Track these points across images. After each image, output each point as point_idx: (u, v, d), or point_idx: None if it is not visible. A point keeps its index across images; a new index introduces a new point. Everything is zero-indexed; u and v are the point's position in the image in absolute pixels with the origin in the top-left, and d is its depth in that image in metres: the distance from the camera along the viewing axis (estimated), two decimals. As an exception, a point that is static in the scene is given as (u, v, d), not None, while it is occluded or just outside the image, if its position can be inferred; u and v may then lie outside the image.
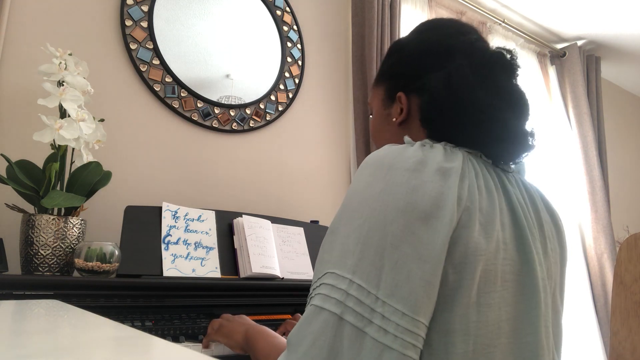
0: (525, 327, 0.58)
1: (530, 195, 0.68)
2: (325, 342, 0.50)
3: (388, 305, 0.50)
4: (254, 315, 1.14)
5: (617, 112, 3.67)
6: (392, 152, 0.59)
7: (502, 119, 0.65)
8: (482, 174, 0.62)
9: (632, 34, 3.02)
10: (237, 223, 1.36)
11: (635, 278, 0.99)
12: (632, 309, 0.98)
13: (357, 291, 0.51)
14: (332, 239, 0.57)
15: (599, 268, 2.79)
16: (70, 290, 0.96)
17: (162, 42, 1.58)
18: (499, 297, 0.57)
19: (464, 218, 0.55)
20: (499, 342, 0.55)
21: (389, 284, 0.51)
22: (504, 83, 0.68)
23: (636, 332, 0.97)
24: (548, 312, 0.60)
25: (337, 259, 0.55)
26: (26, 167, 1.14)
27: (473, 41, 0.70)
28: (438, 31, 0.75)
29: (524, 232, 0.61)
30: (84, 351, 0.35)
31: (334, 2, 2.14)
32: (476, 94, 0.64)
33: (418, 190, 0.54)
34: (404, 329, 0.49)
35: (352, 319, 0.50)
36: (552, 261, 0.66)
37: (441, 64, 0.68)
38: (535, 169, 2.74)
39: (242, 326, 0.94)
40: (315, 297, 0.54)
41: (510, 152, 0.67)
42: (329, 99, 2.03)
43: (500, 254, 0.58)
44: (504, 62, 0.68)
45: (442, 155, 0.59)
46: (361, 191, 0.57)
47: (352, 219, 0.56)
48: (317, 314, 0.52)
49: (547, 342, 0.58)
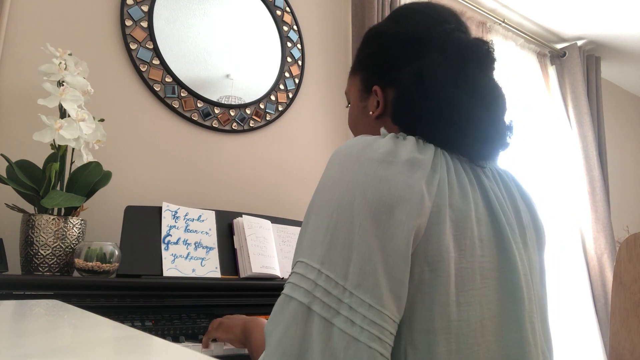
0: (510, 323, 0.57)
1: (507, 185, 0.67)
2: (296, 332, 0.50)
3: (355, 297, 0.50)
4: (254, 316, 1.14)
5: (617, 112, 3.67)
6: (362, 142, 0.58)
7: (475, 117, 0.63)
8: (454, 168, 0.61)
9: (632, 34, 3.02)
10: (237, 223, 1.36)
11: (635, 278, 0.99)
12: (632, 309, 0.98)
13: (325, 282, 0.51)
14: (304, 229, 0.57)
15: (599, 268, 2.79)
16: (70, 290, 0.96)
17: (162, 42, 1.58)
18: (480, 294, 0.56)
19: (434, 215, 0.55)
20: (483, 339, 0.55)
21: (356, 274, 0.51)
22: (478, 78, 0.66)
23: (636, 332, 0.97)
24: (532, 307, 0.59)
25: (307, 248, 0.55)
26: (26, 167, 1.14)
27: (449, 32, 0.68)
28: (413, 19, 0.72)
29: (502, 227, 0.60)
30: (84, 351, 0.35)
31: (334, 2, 2.14)
32: (447, 91, 0.63)
33: (385, 183, 0.54)
34: (370, 321, 0.49)
35: (320, 310, 0.50)
36: (531, 252, 0.65)
37: (414, 57, 0.67)
38: (535, 169, 2.74)
39: (240, 320, 0.95)
40: (286, 285, 0.54)
41: (484, 151, 0.66)
42: (329, 99, 2.03)
43: (476, 250, 0.57)
44: (478, 56, 0.66)
45: (414, 147, 0.58)
46: (330, 182, 0.57)
47: (321, 209, 0.56)
48: (286, 303, 0.53)
49: (534, 338, 0.58)
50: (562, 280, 2.70)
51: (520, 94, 2.78)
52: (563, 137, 2.97)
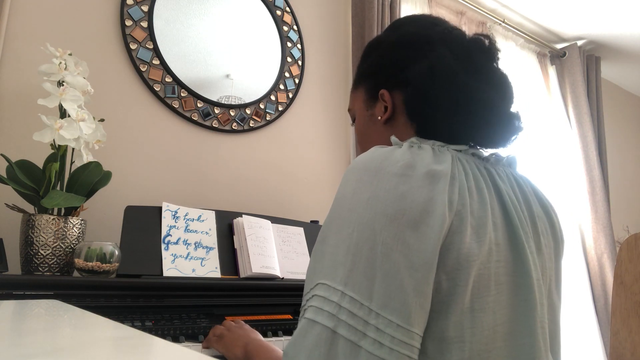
0: (521, 329, 0.56)
1: (522, 190, 0.67)
2: (319, 357, 0.49)
3: (382, 317, 0.49)
4: (254, 316, 1.14)
5: (617, 112, 3.67)
6: (379, 155, 0.57)
7: (489, 100, 0.64)
8: (472, 173, 0.60)
9: (632, 34, 3.02)
10: (237, 223, 1.36)
11: (635, 278, 0.99)
12: (632, 309, 0.98)
13: (349, 303, 0.50)
14: (322, 249, 0.55)
15: (599, 268, 2.79)
16: (70, 290, 0.96)
17: (162, 42, 1.58)
18: (493, 300, 0.55)
19: (456, 223, 0.54)
20: (494, 346, 0.54)
21: (382, 294, 0.49)
22: (487, 67, 0.67)
23: (636, 332, 0.97)
24: (544, 312, 0.59)
25: (328, 269, 0.53)
26: (26, 167, 1.14)
27: (450, 30, 0.70)
28: (413, 24, 0.74)
29: (516, 231, 0.59)
30: (84, 351, 0.35)
31: (334, 2, 2.14)
32: (460, 78, 0.64)
33: (407, 197, 0.52)
34: (399, 341, 0.48)
35: (346, 333, 0.49)
36: (546, 257, 0.64)
37: (422, 55, 0.67)
38: (535, 168, 2.74)
39: (242, 339, 0.92)
40: (308, 309, 0.53)
41: (500, 135, 0.66)
42: (329, 99, 2.03)
43: (492, 256, 0.56)
44: (482, 47, 0.68)
45: (431, 157, 0.57)
46: (349, 198, 0.55)
47: (341, 227, 0.54)
48: (310, 327, 0.51)
49: (544, 343, 0.57)
50: (562, 280, 2.70)
51: (520, 94, 2.78)
52: (563, 137, 2.97)
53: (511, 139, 0.69)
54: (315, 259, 0.56)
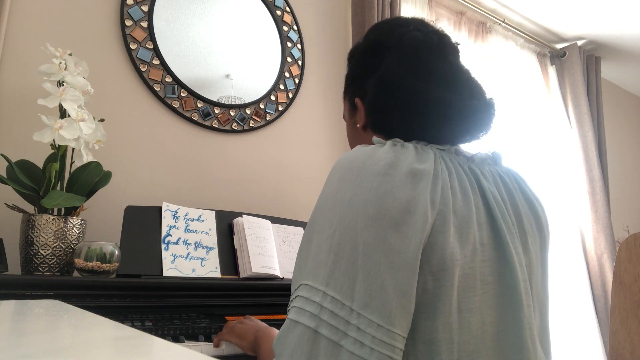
0: (509, 328, 0.57)
1: (508, 188, 0.66)
2: (301, 356, 0.49)
3: (363, 317, 0.49)
4: (254, 315, 1.14)
5: (617, 112, 3.67)
6: (362, 154, 0.57)
7: (442, 98, 0.63)
8: (456, 172, 0.60)
9: (632, 34, 3.02)
10: (237, 223, 1.36)
11: (634, 278, 0.99)
12: (632, 309, 0.98)
13: (331, 303, 0.50)
14: (306, 248, 0.56)
15: (599, 268, 2.79)
16: (70, 290, 0.96)
17: (162, 42, 1.58)
18: (480, 300, 0.55)
19: (438, 222, 0.53)
20: (483, 346, 0.54)
21: (363, 294, 0.49)
22: (436, 65, 0.67)
23: (635, 332, 0.97)
24: (531, 313, 0.59)
25: (310, 270, 0.53)
26: (26, 167, 1.14)
27: (405, 33, 0.70)
28: (376, 31, 0.75)
29: (501, 232, 0.59)
30: (84, 351, 0.35)
31: (334, 2, 2.14)
32: (407, 82, 0.64)
33: (388, 196, 0.52)
34: (380, 341, 0.48)
35: (327, 333, 0.49)
36: (533, 256, 0.64)
37: (377, 64, 0.69)
38: (535, 168, 2.74)
39: (253, 327, 0.95)
40: (291, 310, 0.53)
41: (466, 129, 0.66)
42: (329, 99, 2.03)
43: (477, 255, 0.56)
44: (431, 47, 0.68)
45: (413, 156, 0.57)
46: (331, 197, 0.56)
47: (323, 227, 0.54)
48: (292, 327, 0.52)
49: (532, 343, 0.57)
50: (562, 280, 2.70)
51: (520, 94, 2.78)
52: (563, 137, 2.97)
53: (484, 129, 0.68)
54: (299, 259, 0.57)
